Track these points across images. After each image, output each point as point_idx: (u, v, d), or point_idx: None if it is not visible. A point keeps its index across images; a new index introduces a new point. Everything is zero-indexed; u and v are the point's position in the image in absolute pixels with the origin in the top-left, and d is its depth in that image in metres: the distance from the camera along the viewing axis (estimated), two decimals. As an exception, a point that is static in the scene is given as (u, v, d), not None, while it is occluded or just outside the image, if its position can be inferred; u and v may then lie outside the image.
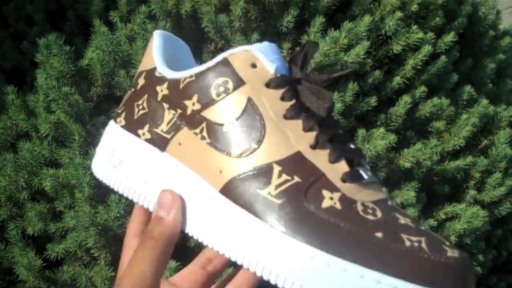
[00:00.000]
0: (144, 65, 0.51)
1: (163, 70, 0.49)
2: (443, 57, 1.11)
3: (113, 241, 0.96)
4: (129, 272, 0.40)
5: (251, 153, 0.44)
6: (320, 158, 0.43)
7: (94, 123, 1.02)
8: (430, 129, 1.12)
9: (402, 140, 1.06)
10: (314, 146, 0.43)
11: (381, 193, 0.43)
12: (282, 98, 0.45)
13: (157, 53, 0.51)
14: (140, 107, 0.50)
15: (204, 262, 0.51)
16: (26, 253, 0.98)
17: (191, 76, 0.47)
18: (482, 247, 1.15)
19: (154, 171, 0.48)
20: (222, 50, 1.06)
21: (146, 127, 0.49)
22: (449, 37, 1.12)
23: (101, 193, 0.97)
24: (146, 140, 0.49)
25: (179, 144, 0.47)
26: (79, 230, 0.94)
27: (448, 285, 0.37)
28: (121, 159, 0.50)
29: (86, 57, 1.03)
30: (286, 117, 0.44)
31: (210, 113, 0.46)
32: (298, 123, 0.44)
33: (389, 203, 0.43)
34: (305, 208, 0.40)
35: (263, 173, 0.43)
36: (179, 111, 0.47)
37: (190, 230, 0.45)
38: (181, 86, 0.48)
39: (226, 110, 0.45)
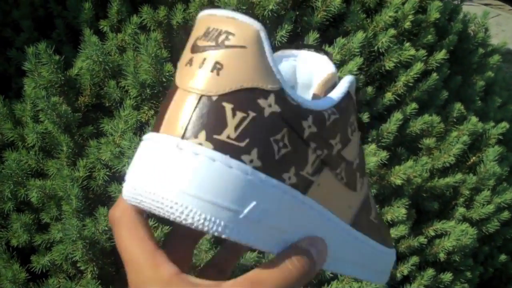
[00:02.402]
0: (258, 79, 0.36)
1: (297, 96, 0.39)
2: (434, 75, 1.11)
3: (101, 255, 0.94)
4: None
5: (362, 185, 0.45)
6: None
7: (81, 133, 1.00)
8: (420, 146, 1.12)
9: (392, 157, 1.06)
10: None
11: None
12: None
13: (275, 66, 0.38)
14: (281, 144, 0.38)
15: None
16: (10, 265, 0.96)
17: (334, 112, 0.41)
18: (470, 264, 1.15)
19: (295, 217, 0.41)
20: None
21: (292, 170, 0.40)
22: (441, 55, 1.13)
23: (89, 205, 0.95)
24: (291, 184, 0.40)
25: (318, 185, 0.41)
26: (66, 243, 0.92)
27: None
28: (265, 211, 0.39)
29: (75, 66, 1.01)
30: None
31: (347, 152, 0.42)
32: None
33: None
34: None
35: (368, 202, 0.47)
36: (325, 151, 0.40)
37: (330, 267, 0.44)
38: (328, 123, 0.40)
39: (354, 148, 0.43)
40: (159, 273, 0.35)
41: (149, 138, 0.37)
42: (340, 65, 0.98)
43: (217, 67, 0.36)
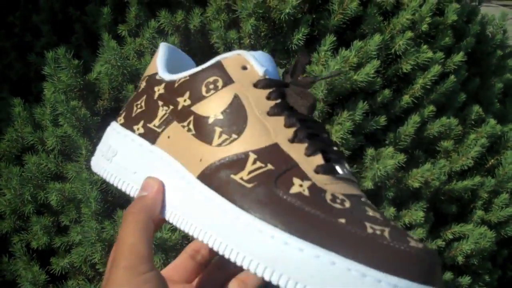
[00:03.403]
0: (147, 72, 0.55)
1: (163, 74, 0.53)
2: (452, 77, 1.10)
3: (119, 257, 0.95)
4: (120, 246, 0.43)
5: (230, 142, 0.46)
6: (296, 151, 0.45)
7: (100, 137, 1.01)
8: (438, 149, 1.12)
9: (410, 160, 1.06)
10: (292, 140, 0.45)
11: (356, 190, 0.45)
12: (268, 98, 0.48)
13: (160, 60, 0.55)
14: (139, 106, 0.54)
15: (192, 253, 0.53)
16: (30, 267, 0.97)
17: (185, 77, 0.51)
18: (488, 268, 1.15)
19: (143, 162, 0.51)
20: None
21: (141, 123, 0.53)
22: (458, 57, 1.12)
23: (108, 208, 0.96)
24: (139, 134, 0.52)
25: (168, 137, 0.50)
26: (85, 246, 0.93)
27: (407, 272, 0.36)
28: (115, 152, 0.54)
29: (94, 71, 1.02)
30: (269, 113, 0.47)
31: (199, 108, 0.49)
32: (280, 120, 0.47)
33: (363, 199, 0.44)
34: (273, 192, 0.42)
35: (239, 160, 0.45)
36: (171, 107, 0.51)
37: (169, 216, 0.47)
38: (176, 85, 0.51)
39: (212, 104, 0.49)
40: (117, 262, 0.42)
41: None
42: (357, 67, 0.98)
43: None
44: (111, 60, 0.98)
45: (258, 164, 0.44)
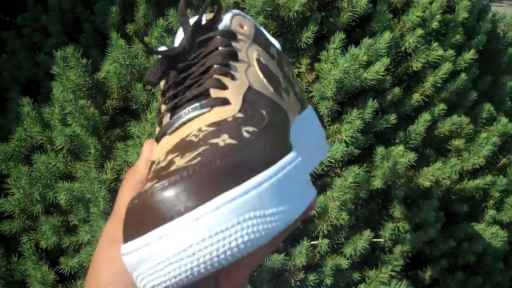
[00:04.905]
0: None
1: None
2: (463, 75, 1.09)
3: (128, 257, 0.94)
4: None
5: None
6: (159, 146, 0.42)
7: (109, 136, 1.01)
8: (449, 147, 1.11)
9: (421, 158, 1.05)
10: (157, 138, 0.43)
11: (184, 132, 0.40)
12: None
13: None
14: None
15: None
16: (39, 266, 0.97)
17: None
18: (500, 267, 1.13)
19: None
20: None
21: None
22: (469, 55, 1.11)
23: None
24: None
25: None
26: (94, 245, 0.93)
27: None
28: None
29: (103, 70, 1.02)
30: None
31: None
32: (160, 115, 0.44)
33: (190, 137, 0.38)
34: None
35: None
36: None
37: None
38: None
39: None
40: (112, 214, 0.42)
41: None
42: (366, 65, 0.97)
43: None
44: (119, 59, 0.98)
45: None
